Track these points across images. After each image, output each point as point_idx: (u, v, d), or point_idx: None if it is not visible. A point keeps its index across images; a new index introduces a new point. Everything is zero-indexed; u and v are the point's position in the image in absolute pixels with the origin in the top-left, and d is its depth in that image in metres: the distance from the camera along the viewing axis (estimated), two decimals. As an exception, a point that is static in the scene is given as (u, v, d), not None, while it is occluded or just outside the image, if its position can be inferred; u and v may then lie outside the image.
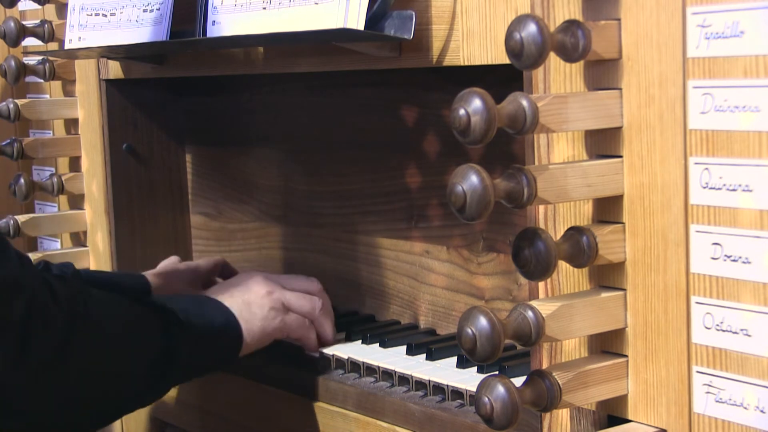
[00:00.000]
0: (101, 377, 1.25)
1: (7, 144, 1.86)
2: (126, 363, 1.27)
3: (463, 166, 0.91)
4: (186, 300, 1.39)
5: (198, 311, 1.35)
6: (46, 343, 1.16)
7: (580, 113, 0.98)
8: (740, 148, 0.91)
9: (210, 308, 1.38)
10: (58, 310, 1.18)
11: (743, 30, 0.89)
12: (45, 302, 1.17)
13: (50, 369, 1.18)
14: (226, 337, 1.37)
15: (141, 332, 1.29)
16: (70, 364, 1.20)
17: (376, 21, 1.24)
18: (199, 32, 1.45)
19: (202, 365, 1.38)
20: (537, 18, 0.93)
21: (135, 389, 1.29)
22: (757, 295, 0.91)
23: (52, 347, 1.17)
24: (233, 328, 1.37)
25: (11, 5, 1.86)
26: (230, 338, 1.37)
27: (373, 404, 1.32)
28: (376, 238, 1.58)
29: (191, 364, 1.35)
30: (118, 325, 1.27)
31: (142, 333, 1.29)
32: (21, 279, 1.16)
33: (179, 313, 1.32)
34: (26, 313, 1.15)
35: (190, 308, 1.35)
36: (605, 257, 1.00)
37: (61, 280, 1.23)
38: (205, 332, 1.34)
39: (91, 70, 1.82)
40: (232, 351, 1.38)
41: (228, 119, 1.84)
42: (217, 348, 1.37)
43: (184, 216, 1.92)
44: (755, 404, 0.92)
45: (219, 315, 1.37)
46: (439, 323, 1.50)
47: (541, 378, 0.97)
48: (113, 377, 1.26)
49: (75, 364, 1.20)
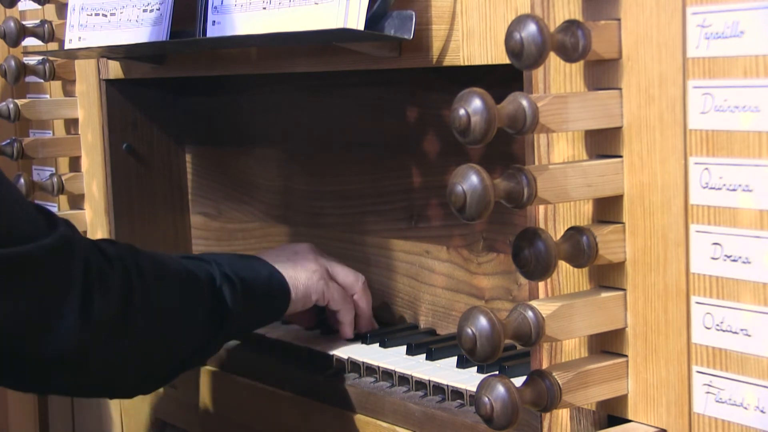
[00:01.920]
0: (162, 331, 1.27)
1: (7, 144, 1.86)
2: (182, 318, 1.30)
3: (463, 166, 0.91)
4: (233, 256, 1.41)
5: (245, 266, 1.38)
6: (108, 303, 1.18)
7: (580, 113, 0.98)
8: (740, 148, 0.91)
9: (257, 265, 1.40)
10: (113, 270, 1.20)
11: (743, 30, 0.89)
12: (99, 264, 1.19)
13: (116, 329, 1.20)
14: (273, 291, 1.40)
15: (194, 289, 1.31)
16: (131, 322, 1.22)
17: (376, 21, 1.25)
18: (199, 32, 1.45)
19: (253, 319, 1.41)
20: (537, 18, 0.93)
21: (194, 341, 1.32)
22: (757, 295, 0.91)
23: (113, 307, 1.19)
24: (279, 284, 1.40)
25: (11, 5, 1.86)
26: (277, 293, 1.40)
27: (373, 404, 1.32)
28: (376, 238, 1.58)
29: (242, 319, 1.37)
30: (170, 280, 1.29)
31: (195, 289, 1.32)
32: (74, 240, 1.18)
33: (226, 267, 1.35)
34: (84, 275, 1.16)
35: (237, 263, 1.37)
36: (605, 257, 1.00)
37: (110, 243, 1.26)
38: (253, 286, 1.37)
39: (91, 70, 1.82)
40: (280, 306, 1.41)
41: (228, 119, 1.84)
42: (265, 302, 1.40)
43: (184, 216, 1.92)
44: (755, 404, 0.92)
45: (265, 271, 1.40)
46: (439, 323, 1.50)
47: (541, 378, 0.97)
48: (173, 329, 1.29)
49: (136, 321, 1.22)
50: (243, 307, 1.35)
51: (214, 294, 1.33)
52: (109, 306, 1.18)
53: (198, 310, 1.31)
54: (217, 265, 1.35)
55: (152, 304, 1.25)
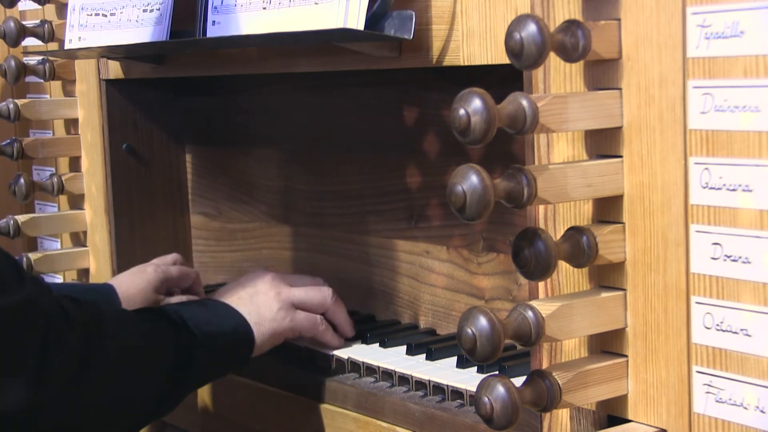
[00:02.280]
0: (120, 393, 1.26)
1: (7, 144, 1.86)
2: (143, 377, 1.28)
3: (463, 166, 0.91)
4: (196, 306, 1.39)
5: (208, 317, 1.36)
6: (65, 366, 1.17)
7: (580, 113, 0.98)
8: (740, 148, 0.91)
9: (220, 313, 1.38)
10: (74, 332, 1.19)
11: (743, 30, 0.89)
12: (60, 326, 1.18)
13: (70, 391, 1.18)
14: (237, 341, 1.37)
15: (155, 345, 1.30)
16: (89, 385, 1.20)
17: (376, 21, 1.24)
18: (199, 32, 1.45)
19: (216, 370, 1.39)
20: (537, 18, 0.93)
21: (153, 401, 1.30)
22: (757, 295, 0.91)
23: (71, 370, 1.18)
24: (244, 332, 1.38)
25: (11, 5, 1.86)
26: (242, 341, 1.38)
27: (373, 404, 1.32)
28: (376, 238, 1.58)
29: (205, 370, 1.35)
30: (132, 341, 1.28)
31: (157, 346, 1.30)
32: (36, 301, 1.16)
33: (189, 321, 1.33)
34: (44, 338, 1.15)
35: (200, 315, 1.35)
36: (605, 257, 1.00)
37: (73, 302, 1.24)
38: (216, 338, 1.35)
39: (91, 70, 1.82)
40: (244, 354, 1.39)
41: (228, 119, 1.84)
42: (229, 352, 1.38)
43: (184, 216, 1.92)
44: (755, 404, 0.92)
45: (229, 319, 1.37)
46: (439, 323, 1.50)
47: (541, 378, 0.97)
48: (132, 392, 1.27)
49: (94, 384, 1.21)
50: (205, 360, 1.33)
51: (177, 352, 1.30)
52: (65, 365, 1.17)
53: (160, 369, 1.29)
54: (180, 320, 1.33)
55: (111, 362, 1.23)
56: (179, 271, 1.63)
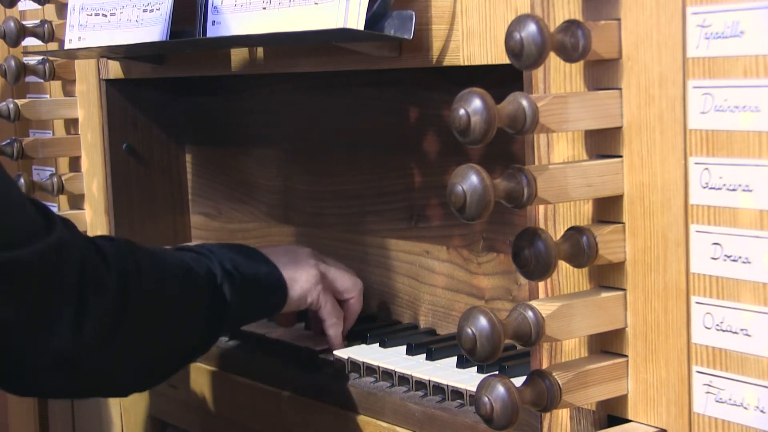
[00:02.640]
0: (160, 332, 1.27)
1: (7, 144, 1.86)
2: (181, 316, 1.29)
3: (463, 166, 0.91)
4: (234, 251, 1.40)
5: (245, 261, 1.38)
6: (103, 305, 1.17)
7: (580, 113, 0.98)
8: (740, 148, 0.91)
9: (257, 261, 1.40)
10: (110, 271, 1.19)
11: (743, 30, 0.89)
12: (96, 265, 1.18)
13: (110, 330, 1.19)
14: (271, 288, 1.40)
15: (193, 286, 1.31)
16: (128, 324, 1.21)
17: (376, 21, 1.24)
18: (199, 32, 1.45)
19: (250, 315, 1.41)
20: (537, 18, 0.93)
21: (192, 340, 1.32)
22: (757, 295, 0.91)
23: (109, 309, 1.18)
24: (278, 282, 1.40)
25: (11, 5, 1.86)
26: (275, 290, 1.40)
27: (373, 404, 1.32)
28: (376, 238, 1.58)
29: (240, 314, 1.37)
30: (169, 279, 1.29)
31: (195, 287, 1.31)
32: (69, 243, 1.16)
33: (226, 262, 1.34)
34: (79, 278, 1.15)
35: (238, 259, 1.37)
36: (605, 257, 1.00)
37: (108, 241, 1.24)
38: (253, 283, 1.37)
39: (91, 70, 1.82)
40: (277, 303, 1.41)
41: (228, 119, 1.84)
42: (263, 299, 1.40)
43: (184, 216, 1.92)
44: (755, 404, 0.92)
45: (265, 268, 1.40)
46: (439, 323, 1.50)
47: (541, 378, 0.97)
48: (171, 330, 1.28)
49: (133, 323, 1.22)
50: (242, 303, 1.35)
51: (214, 291, 1.32)
52: (104, 308, 1.18)
53: (197, 309, 1.31)
54: (218, 259, 1.35)
55: (150, 303, 1.24)
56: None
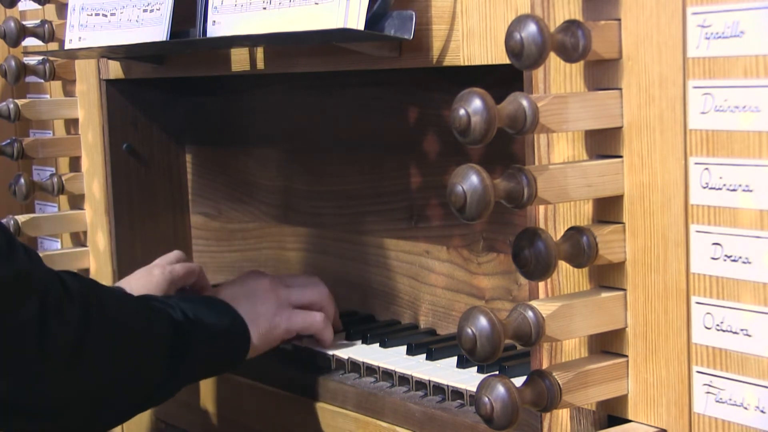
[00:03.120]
0: (117, 371, 1.25)
1: (7, 144, 1.85)
2: (140, 358, 1.28)
3: (463, 166, 0.91)
4: (193, 300, 1.39)
5: (205, 311, 1.36)
6: (64, 338, 1.16)
7: (580, 113, 0.98)
8: (740, 148, 0.91)
9: (217, 309, 1.38)
10: (72, 304, 1.18)
11: (743, 30, 0.89)
12: (58, 297, 1.17)
13: (69, 364, 1.18)
14: (234, 338, 1.37)
15: (153, 327, 1.29)
16: (87, 358, 1.20)
17: (376, 21, 1.24)
18: (199, 32, 1.45)
19: (212, 365, 1.39)
20: (537, 18, 0.93)
21: (149, 384, 1.30)
22: (757, 295, 0.91)
23: (70, 342, 1.17)
24: (241, 329, 1.38)
25: (11, 5, 1.86)
26: (238, 338, 1.38)
27: (373, 404, 1.32)
28: (376, 238, 1.58)
29: (201, 362, 1.35)
30: (131, 319, 1.27)
31: (155, 328, 1.29)
32: (33, 275, 1.16)
33: (188, 311, 1.33)
34: (41, 310, 1.15)
35: (198, 307, 1.35)
36: (605, 257, 1.00)
37: (71, 275, 1.23)
38: (213, 331, 1.35)
39: (91, 70, 1.82)
40: (241, 352, 1.38)
41: (228, 119, 1.84)
42: (225, 347, 1.38)
43: (184, 216, 1.92)
44: (755, 404, 0.92)
45: (226, 316, 1.37)
46: (439, 323, 1.50)
47: (541, 378, 0.97)
48: (129, 372, 1.27)
49: (92, 357, 1.21)
50: (202, 352, 1.33)
51: (176, 336, 1.30)
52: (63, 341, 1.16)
53: (157, 352, 1.29)
54: (180, 308, 1.33)
55: (111, 339, 1.23)
56: (184, 268, 1.63)
